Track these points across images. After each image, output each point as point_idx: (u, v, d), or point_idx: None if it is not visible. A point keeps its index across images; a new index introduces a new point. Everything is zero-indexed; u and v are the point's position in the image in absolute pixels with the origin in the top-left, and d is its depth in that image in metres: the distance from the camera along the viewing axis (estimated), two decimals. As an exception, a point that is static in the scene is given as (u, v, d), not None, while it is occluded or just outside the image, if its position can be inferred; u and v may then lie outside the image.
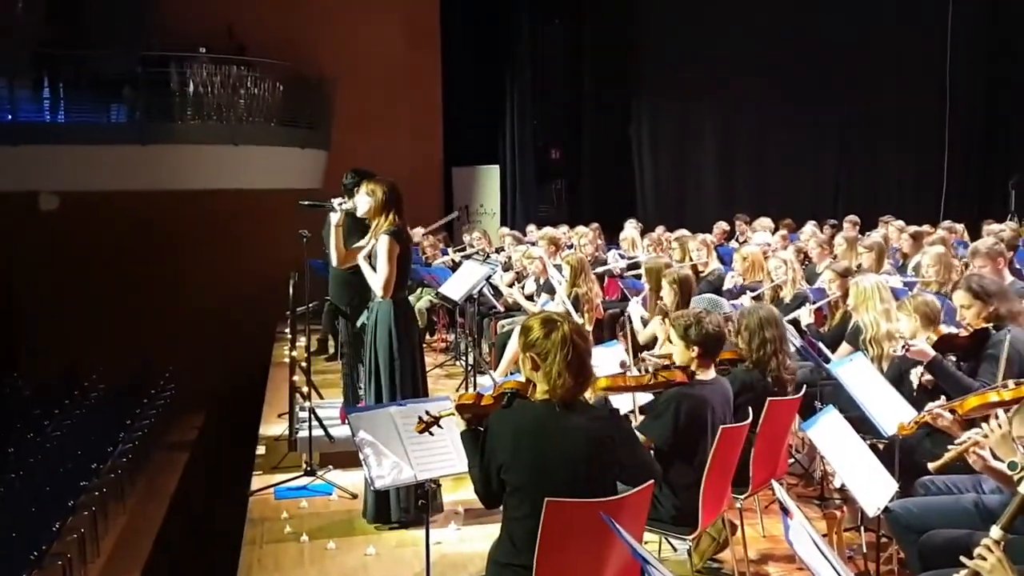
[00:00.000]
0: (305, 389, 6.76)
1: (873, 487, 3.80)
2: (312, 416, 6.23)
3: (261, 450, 6.92)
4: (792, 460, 5.72)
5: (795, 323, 6.34)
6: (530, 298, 8.76)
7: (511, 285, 9.35)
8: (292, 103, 14.19)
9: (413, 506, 5.21)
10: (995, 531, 2.68)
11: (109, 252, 13.60)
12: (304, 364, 6.91)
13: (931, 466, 3.62)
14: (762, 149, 17.58)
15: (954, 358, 4.65)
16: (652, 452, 4.11)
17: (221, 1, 14.33)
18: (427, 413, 3.70)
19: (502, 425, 3.19)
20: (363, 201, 5.20)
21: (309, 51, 14.45)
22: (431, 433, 3.74)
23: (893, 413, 4.32)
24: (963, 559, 2.72)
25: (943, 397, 4.16)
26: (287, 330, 7.96)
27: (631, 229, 11.66)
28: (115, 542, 8.22)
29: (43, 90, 13.26)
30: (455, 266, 9.87)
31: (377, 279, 5.12)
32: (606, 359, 5.14)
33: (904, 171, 17.91)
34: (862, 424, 4.30)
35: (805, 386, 5.14)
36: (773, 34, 16.87)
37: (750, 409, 4.38)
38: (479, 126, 16.82)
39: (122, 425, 9.81)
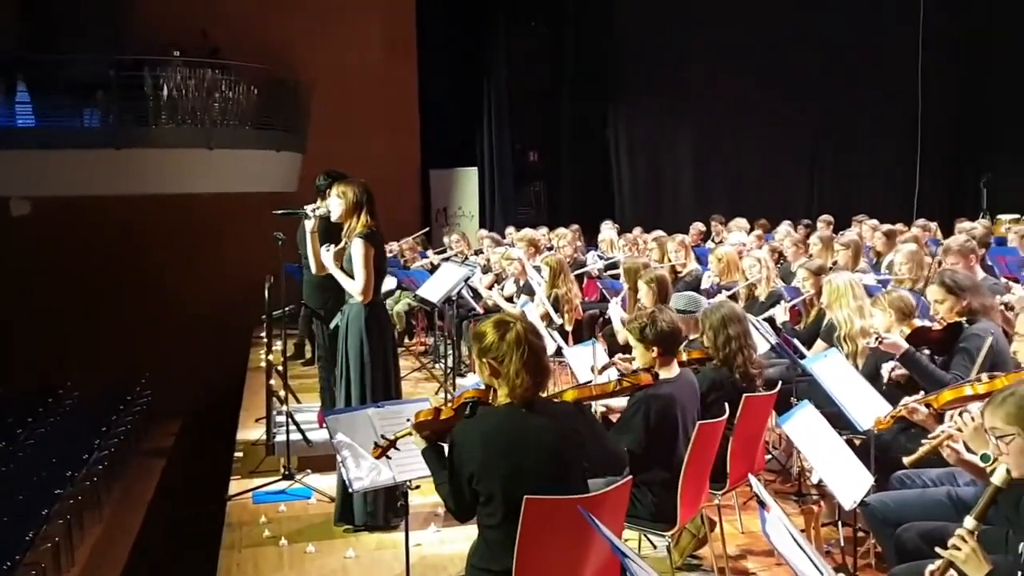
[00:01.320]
0: (282, 393, 6.74)
1: (849, 481, 3.83)
2: (290, 420, 6.20)
3: (239, 455, 6.88)
4: (769, 456, 5.75)
5: (771, 321, 6.38)
6: (509, 299, 8.77)
7: (490, 287, 9.35)
8: (268, 106, 14.12)
9: (381, 510, 5.18)
10: (969, 521, 2.70)
11: (83, 258, 13.51)
12: (281, 368, 6.88)
13: (906, 460, 3.65)
14: (738, 151, 17.66)
15: (927, 352, 4.70)
16: (628, 457, 4.13)
17: (195, 4, 14.26)
18: (383, 437, 3.66)
19: (468, 434, 3.15)
20: (335, 204, 5.13)
21: (284, 54, 14.39)
22: (388, 457, 3.71)
23: (868, 408, 4.35)
24: (938, 550, 2.74)
25: (922, 392, 4.20)
26: (264, 334, 7.92)
27: (609, 230, 11.71)
28: (90, 551, 8.15)
29: (14, 94, 13.12)
30: (433, 268, 9.86)
31: (356, 285, 5.05)
32: (582, 357, 5.15)
33: (877, 171, 18.05)
34: (838, 419, 4.33)
35: (781, 382, 5.17)
36: (749, 37, 16.95)
37: (726, 406, 4.40)
38: (457, 128, 16.82)
39: (98, 432, 9.73)
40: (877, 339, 4.63)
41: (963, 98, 17.82)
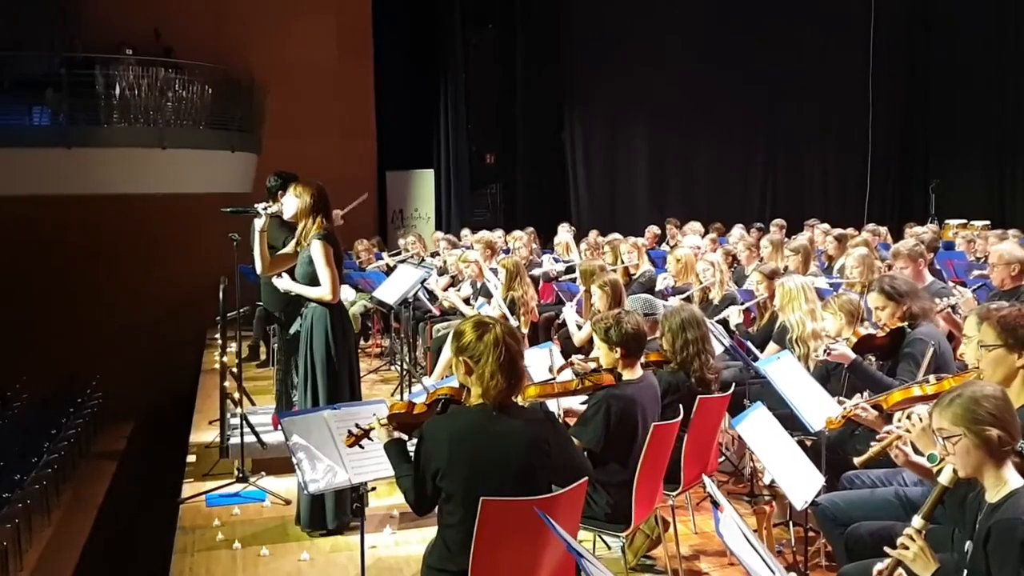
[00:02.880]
0: (236, 395, 6.67)
1: (800, 481, 3.88)
2: (244, 422, 6.15)
3: (192, 458, 6.81)
4: (722, 458, 5.82)
5: (724, 323, 6.46)
6: (466, 301, 8.77)
7: (446, 289, 9.35)
8: (222, 106, 13.98)
9: (349, 512, 5.16)
10: (916, 520, 2.77)
11: (33, 259, 13.25)
12: (235, 370, 6.82)
13: (856, 461, 3.71)
14: (692, 155, 17.85)
15: (873, 358, 4.78)
16: (586, 454, 4.15)
17: (147, 2, 14.07)
18: (356, 426, 3.67)
19: (437, 431, 3.16)
20: (290, 203, 5.10)
21: (239, 54, 14.26)
22: (361, 446, 3.72)
23: (819, 409, 4.40)
24: (887, 549, 2.80)
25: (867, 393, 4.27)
26: (218, 336, 7.83)
27: (565, 233, 11.76)
28: (40, 555, 8.01)
29: (-39, 91, 12.89)
30: (389, 270, 9.83)
31: (322, 288, 5.00)
32: (538, 360, 5.18)
33: (829, 176, 18.37)
34: (789, 421, 4.39)
35: (734, 384, 5.24)
36: (702, 42, 17.16)
37: (680, 408, 4.45)
38: (413, 130, 16.79)
39: (47, 435, 9.57)
40: (826, 351, 4.70)
41: (912, 105, 18.19)
